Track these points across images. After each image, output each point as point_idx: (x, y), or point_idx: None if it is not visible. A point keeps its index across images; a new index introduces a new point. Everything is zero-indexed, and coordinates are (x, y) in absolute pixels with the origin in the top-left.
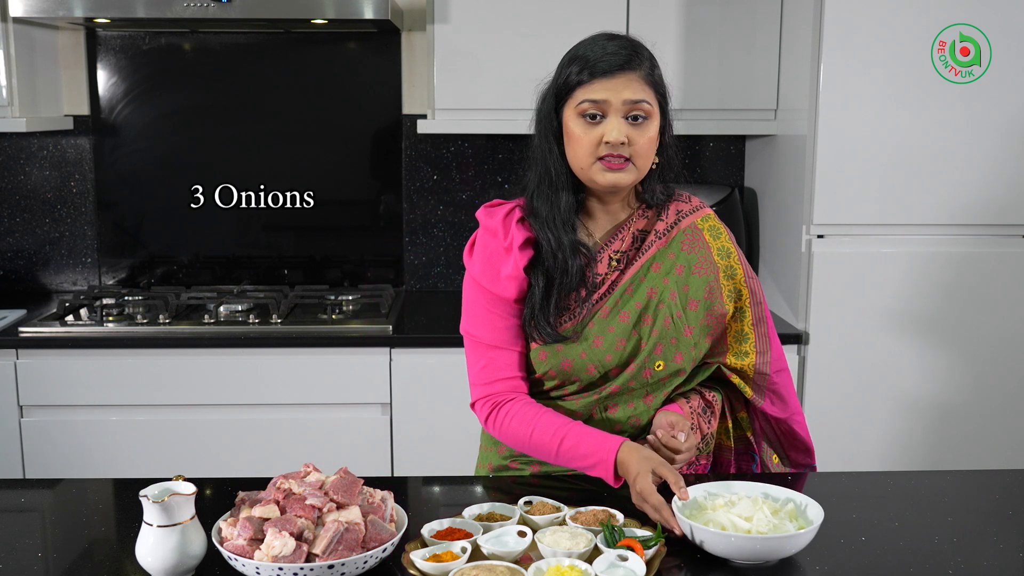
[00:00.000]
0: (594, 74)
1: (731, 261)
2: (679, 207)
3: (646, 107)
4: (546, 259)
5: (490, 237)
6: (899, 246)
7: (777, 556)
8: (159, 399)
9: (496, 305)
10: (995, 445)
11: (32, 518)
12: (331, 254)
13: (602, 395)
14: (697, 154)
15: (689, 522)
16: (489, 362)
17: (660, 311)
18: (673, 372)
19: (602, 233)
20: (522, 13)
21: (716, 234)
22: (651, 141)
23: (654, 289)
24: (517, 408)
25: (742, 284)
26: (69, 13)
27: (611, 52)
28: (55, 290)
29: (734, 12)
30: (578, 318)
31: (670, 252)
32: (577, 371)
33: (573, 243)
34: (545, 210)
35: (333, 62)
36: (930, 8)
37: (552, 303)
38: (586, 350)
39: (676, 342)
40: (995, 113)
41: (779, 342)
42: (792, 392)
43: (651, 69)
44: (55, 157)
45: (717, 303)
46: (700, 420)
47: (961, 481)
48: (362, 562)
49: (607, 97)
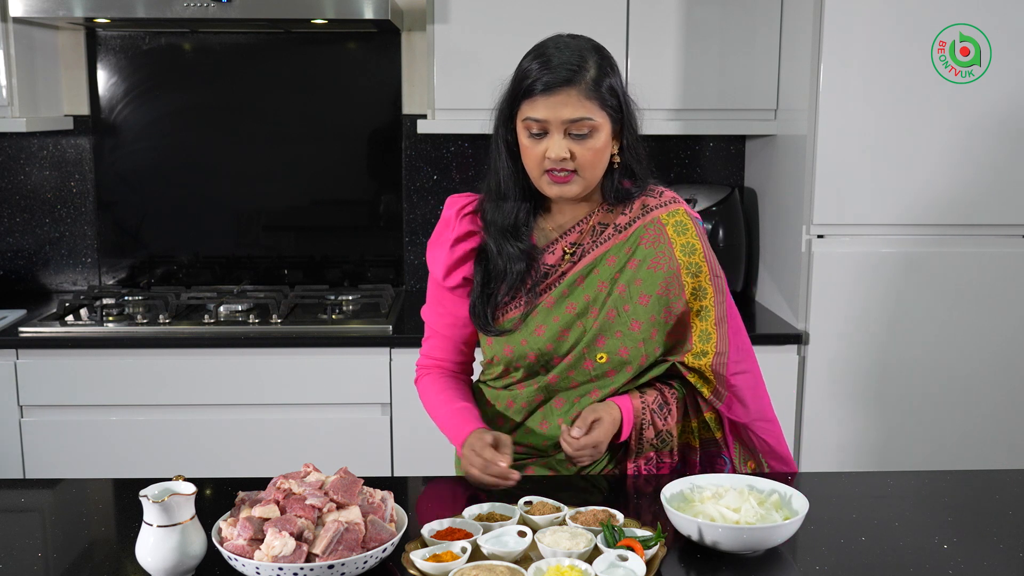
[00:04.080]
0: (535, 91)
1: (695, 258)
2: (647, 201)
3: (587, 123)
4: (488, 257)
5: (442, 227)
6: (899, 246)
7: (767, 545)
8: (159, 399)
9: (436, 290)
10: (995, 445)
11: (32, 518)
12: (331, 254)
13: (541, 384)
14: (697, 154)
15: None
16: (427, 340)
17: (606, 304)
18: (618, 366)
19: (559, 224)
20: (522, 13)
21: (681, 230)
22: (597, 153)
23: (604, 283)
24: (427, 381)
25: (706, 282)
26: (69, 13)
27: (555, 66)
28: (55, 290)
29: (734, 12)
30: (523, 307)
31: (627, 247)
32: (518, 358)
33: (515, 251)
34: (491, 215)
35: (333, 62)
36: (930, 8)
37: (491, 298)
38: (527, 337)
39: (620, 335)
40: (995, 113)
41: (748, 344)
42: (758, 397)
43: (597, 81)
44: (55, 157)
45: (676, 300)
46: (654, 416)
47: (961, 481)
48: (362, 562)
49: (546, 116)
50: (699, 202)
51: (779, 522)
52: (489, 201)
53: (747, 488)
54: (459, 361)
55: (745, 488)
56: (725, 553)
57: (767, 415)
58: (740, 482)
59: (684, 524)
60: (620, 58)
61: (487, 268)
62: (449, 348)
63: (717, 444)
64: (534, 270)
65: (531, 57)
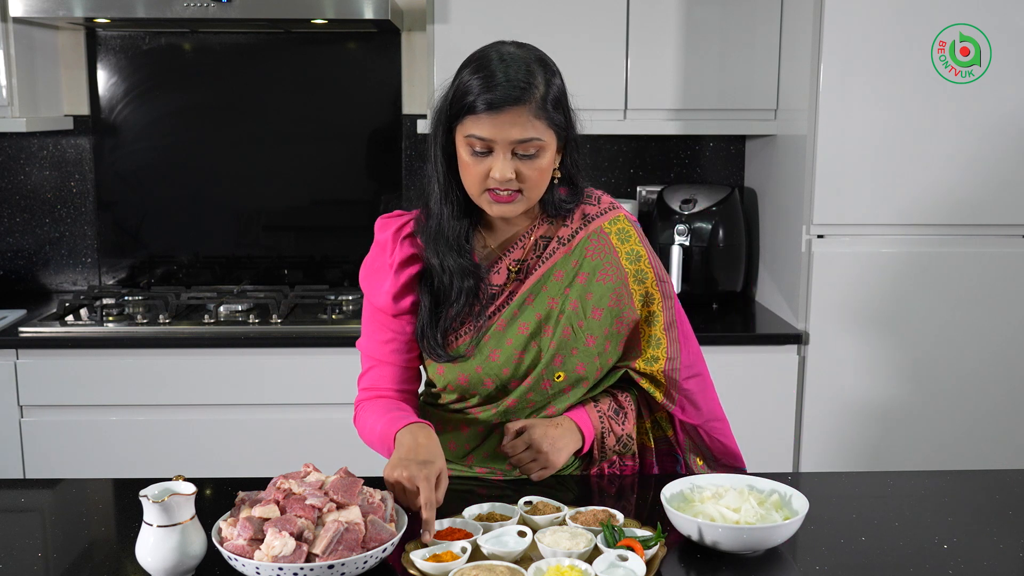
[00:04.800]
0: (479, 108)
1: (641, 265)
2: (586, 210)
3: (536, 144)
4: (434, 278)
5: (379, 251)
6: (899, 246)
7: (767, 545)
8: (159, 399)
9: (377, 317)
10: (995, 445)
11: (32, 518)
12: (331, 254)
13: (500, 408)
14: (697, 154)
15: (679, 514)
16: (367, 372)
17: (560, 321)
18: (575, 382)
19: (500, 242)
20: (522, 13)
21: (625, 237)
22: (543, 171)
23: (555, 299)
24: (364, 407)
25: (653, 287)
26: (69, 13)
27: (503, 82)
28: (55, 290)
29: (734, 12)
30: (473, 332)
31: (573, 259)
32: (474, 385)
33: (460, 267)
34: (433, 229)
35: (333, 62)
36: (930, 8)
37: (440, 323)
38: (482, 364)
39: (577, 352)
40: (995, 113)
41: (697, 346)
42: (709, 397)
43: (544, 98)
44: (55, 157)
45: (627, 309)
46: (612, 423)
47: (961, 481)
48: (362, 562)
49: (492, 136)
50: (699, 202)
51: (779, 522)
52: (428, 218)
53: (747, 488)
54: (405, 390)
55: (745, 488)
56: (725, 553)
57: (717, 414)
58: (740, 482)
59: (684, 524)
60: (620, 58)
61: (432, 290)
62: (396, 375)
63: (669, 442)
64: (481, 291)
65: (473, 69)
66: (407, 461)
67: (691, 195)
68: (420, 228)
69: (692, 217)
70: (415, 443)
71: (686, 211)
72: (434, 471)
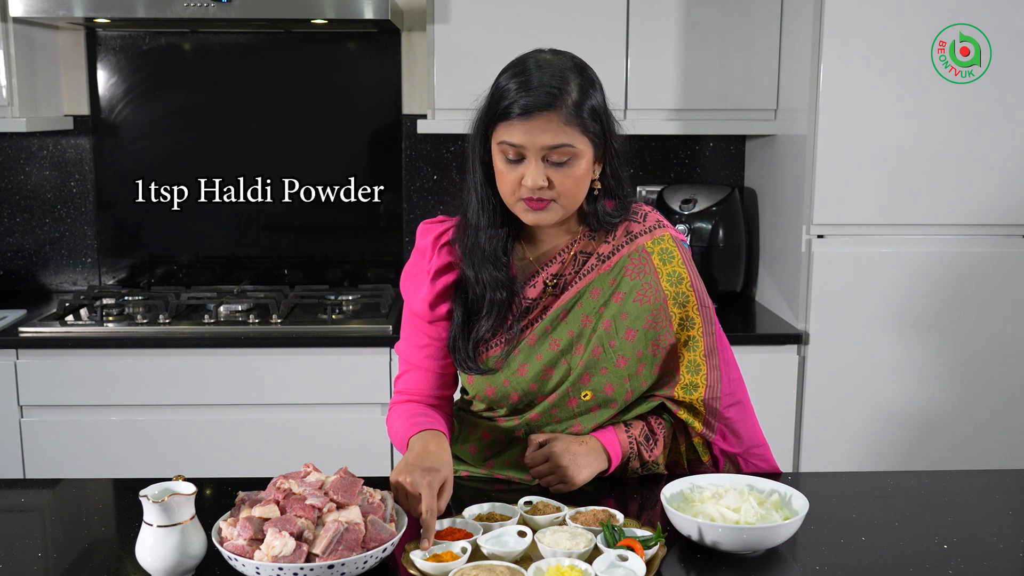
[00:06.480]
0: (513, 113)
1: (682, 287)
2: (631, 227)
3: (568, 150)
4: (468, 289)
5: (419, 256)
6: (899, 246)
7: (767, 545)
8: (159, 399)
9: (414, 322)
10: (995, 445)
11: (32, 518)
12: (331, 254)
13: (523, 420)
14: (697, 154)
15: (679, 514)
16: (403, 375)
17: (592, 340)
18: (602, 403)
19: (538, 255)
20: (522, 13)
21: (667, 258)
22: (577, 180)
23: (589, 317)
24: (398, 407)
25: (694, 312)
26: (69, 13)
27: (535, 87)
28: (55, 290)
29: (734, 12)
30: (503, 345)
31: (611, 278)
32: (501, 398)
33: (494, 279)
34: (469, 241)
35: (333, 62)
36: (930, 8)
37: (472, 335)
38: (509, 378)
39: (606, 372)
40: (995, 113)
41: (739, 373)
42: (751, 425)
43: (578, 105)
44: (55, 157)
45: (664, 332)
46: (641, 448)
47: (961, 481)
48: (362, 562)
49: (523, 142)
50: (699, 202)
51: (779, 522)
52: (467, 227)
53: (747, 488)
54: (439, 396)
55: (745, 488)
56: (725, 553)
57: (758, 440)
58: (740, 482)
59: (684, 524)
60: (620, 58)
61: (466, 302)
62: (430, 381)
63: (703, 464)
64: (515, 304)
65: (509, 75)
66: (412, 467)
67: (691, 195)
68: (457, 237)
69: (692, 217)
70: (424, 450)
71: (686, 211)
72: (438, 479)
